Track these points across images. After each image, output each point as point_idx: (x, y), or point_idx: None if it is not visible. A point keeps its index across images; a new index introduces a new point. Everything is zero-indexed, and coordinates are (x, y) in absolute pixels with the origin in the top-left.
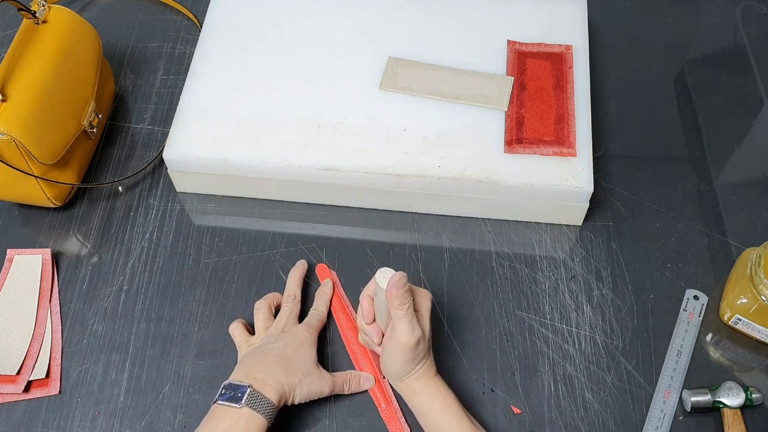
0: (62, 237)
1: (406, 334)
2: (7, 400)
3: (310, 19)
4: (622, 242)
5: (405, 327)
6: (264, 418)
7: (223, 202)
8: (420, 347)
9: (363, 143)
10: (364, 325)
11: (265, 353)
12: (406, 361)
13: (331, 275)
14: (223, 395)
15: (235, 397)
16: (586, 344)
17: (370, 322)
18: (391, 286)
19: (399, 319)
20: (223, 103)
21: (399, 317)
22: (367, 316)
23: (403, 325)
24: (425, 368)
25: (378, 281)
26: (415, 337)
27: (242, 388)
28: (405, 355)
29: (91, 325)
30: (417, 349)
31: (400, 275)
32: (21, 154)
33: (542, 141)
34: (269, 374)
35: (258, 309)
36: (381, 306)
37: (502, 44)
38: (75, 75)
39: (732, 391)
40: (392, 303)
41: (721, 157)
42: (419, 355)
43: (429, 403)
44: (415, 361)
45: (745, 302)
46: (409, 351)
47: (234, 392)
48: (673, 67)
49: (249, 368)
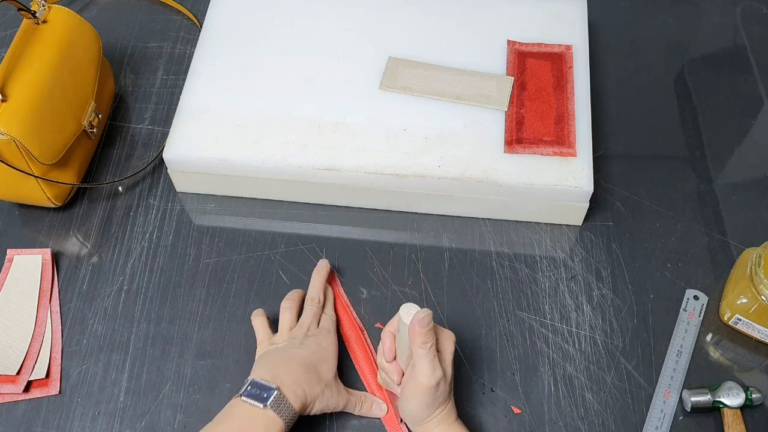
0: (62, 237)
1: (427, 375)
2: (7, 400)
3: (310, 19)
4: (622, 242)
5: (426, 367)
6: (284, 423)
7: (223, 202)
8: (440, 390)
9: (363, 143)
10: (385, 363)
11: (292, 358)
12: (425, 404)
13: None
14: (249, 392)
15: (261, 397)
16: (586, 344)
17: (391, 360)
18: (414, 323)
19: (420, 358)
20: (223, 103)
21: (420, 356)
22: (388, 353)
23: (425, 365)
24: (445, 413)
25: (402, 317)
26: (436, 379)
27: (270, 390)
28: (425, 397)
29: (91, 325)
30: (437, 392)
31: (426, 312)
32: (21, 154)
33: (542, 141)
34: (296, 381)
35: (285, 309)
36: (403, 343)
37: (502, 44)
38: (75, 75)
39: (732, 391)
40: (414, 341)
41: (721, 157)
42: (439, 399)
43: None
44: (435, 404)
45: (745, 302)
46: (429, 393)
47: (260, 391)
48: (673, 67)
49: (276, 370)
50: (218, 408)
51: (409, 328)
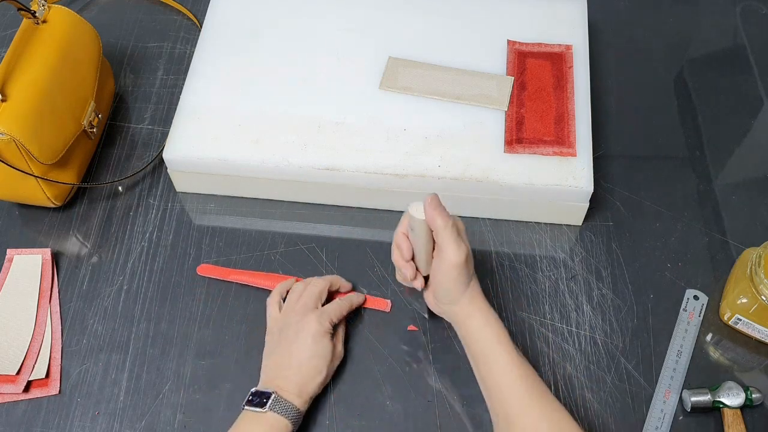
0: (62, 237)
1: (456, 253)
2: (7, 400)
3: (310, 19)
4: (622, 242)
5: (453, 245)
6: (288, 421)
7: (223, 202)
8: (469, 263)
9: (363, 143)
10: (402, 261)
11: (283, 359)
12: (459, 282)
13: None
14: (251, 401)
15: (261, 403)
16: (586, 344)
17: (409, 259)
18: (429, 209)
19: (446, 239)
20: (223, 103)
21: (445, 237)
22: (407, 251)
23: (451, 244)
24: (475, 288)
25: (414, 214)
26: (464, 254)
27: (267, 394)
28: (460, 275)
29: (91, 325)
30: (467, 267)
31: (433, 196)
32: (21, 154)
33: (542, 141)
34: (290, 382)
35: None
36: (418, 239)
37: (502, 44)
38: (75, 75)
39: (732, 391)
40: (436, 224)
41: (721, 157)
42: (469, 272)
43: (481, 326)
44: (467, 279)
45: (745, 302)
46: (461, 269)
47: (260, 398)
48: (673, 67)
49: (272, 377)
50: (218, 407)
51: (427, 216)
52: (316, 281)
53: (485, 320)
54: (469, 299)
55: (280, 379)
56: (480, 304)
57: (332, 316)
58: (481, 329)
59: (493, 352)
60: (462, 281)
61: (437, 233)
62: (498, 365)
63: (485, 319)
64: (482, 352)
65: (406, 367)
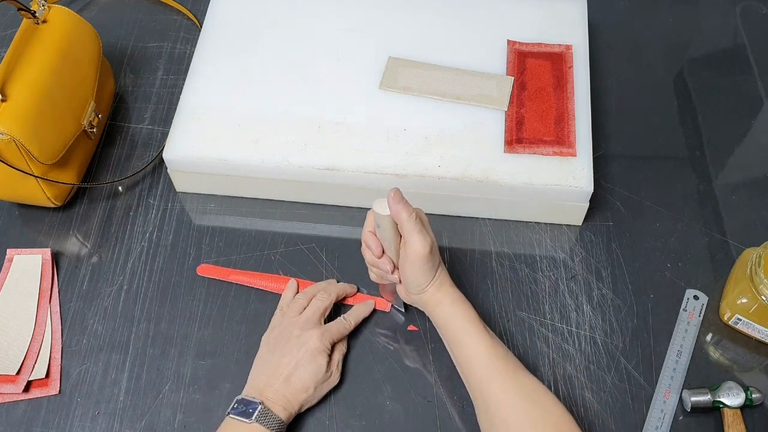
0: (62, 237)
1: (421, 243)
2: (7, 400)
3: (310, 19)
4: (622, 242)
5: (417, 237)
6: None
7: (223, 202)
8: (434, 253)
9: (363, 143)
10: (375, 259)
11: (275, 370)
12: (425, 271)
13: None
14: (236, 409)
15: (247, 413)
16: (586, 344)
17: (380, 255)
18: (392, 204)
19: (410, 231)
20: (223, 103)
21: (409, 230)
22: (376, 248)
23: (415, 236)
24: (442, 276)
25: (378, 211)
26: (429, 244)
27: (253, 405)
28: (423, 265)
29: (91, 325)
30: (433, 257)
31: (394, 190)
32: (21, 154)
33: (542, 141)
34: (278, 394)
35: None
36: (386, 234)
37: (502, 44)
38: (75, 75)
39: (732, 391)
40: (400, 217)
41: (721, 157)
42: (435, 262)
43: (451, 312)
44: (433, 269)
45: (745, 302)
46: (427, 260)
47: (246, 407)
48: (673, 67)
49: (261, 386)
50: (218, 407)
51: (392, 210)
52: (323, 297)
53: (454, 305)
54: (437, 287)
55: (269, 389)
56: (448, 289)
57: (334, 336)
58: (451, 314)
59: (465, 334)
60: (428, 270)
61: (402, 226)
62: (470, 348)
63: (454, 304)
64: (455, 336)
65: (406, 367)
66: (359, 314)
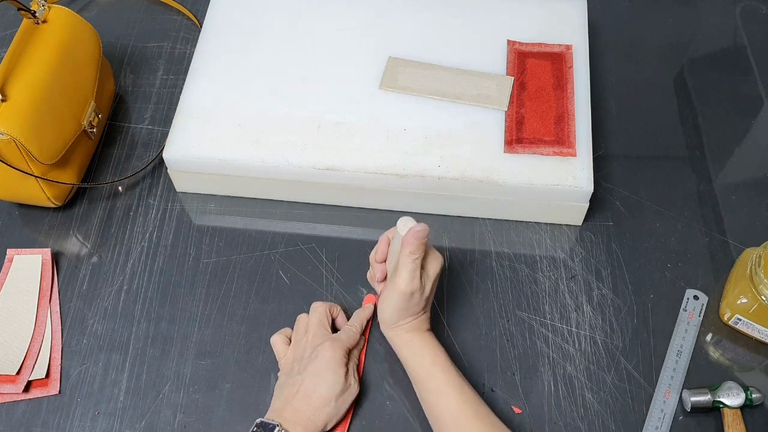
0: (62, 237)
1: (405, 281)
2: (7, 400)
3: (310, 19)
4: (622, 242)
5: (406, 275)
6: None
7: (223, 202)
8: (414, 300)
9: (363, 143)
10: (374, 262)
11: (293, 389)
12: (399, 309)
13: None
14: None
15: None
16: (586, 344)
17: (381, 261)
18: (410, 234)
19: (404, 265)
20: (223, 103)
21: (404, 264)
22: (380, 254)
23: (405, 273)
24: (417, 322)
25: (398, 228)
26: (412, 288)
27: (270, 426)
28: (398, 302)
29: (91, 325)
30: (410, 301)
31: (422, 227)
32: (21, 154)
33: (542, 141)
34: (297, 413)
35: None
36: (394, 250)
37: (502, 44)
38: (75, 75)
39: (732, 391)
40: (404, 249)
41: (721, 157)
42: (412, 309)
43: (419, 352)
44: (408, 312)
45: (745, 302)
46: (403, 299)
47: (264, 430)
48: (673, 67)
49: (279, 407)
50: (218, 407)
51: (403, 238)
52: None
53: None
54: (407, 329)
55: (287, 409)
56: (418, 333)
57: (346, 344)
58: (415, 354)
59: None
60: (403, 310)
61: (401, 257)
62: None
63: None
64: (418, 374)
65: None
66: (361, 318)
